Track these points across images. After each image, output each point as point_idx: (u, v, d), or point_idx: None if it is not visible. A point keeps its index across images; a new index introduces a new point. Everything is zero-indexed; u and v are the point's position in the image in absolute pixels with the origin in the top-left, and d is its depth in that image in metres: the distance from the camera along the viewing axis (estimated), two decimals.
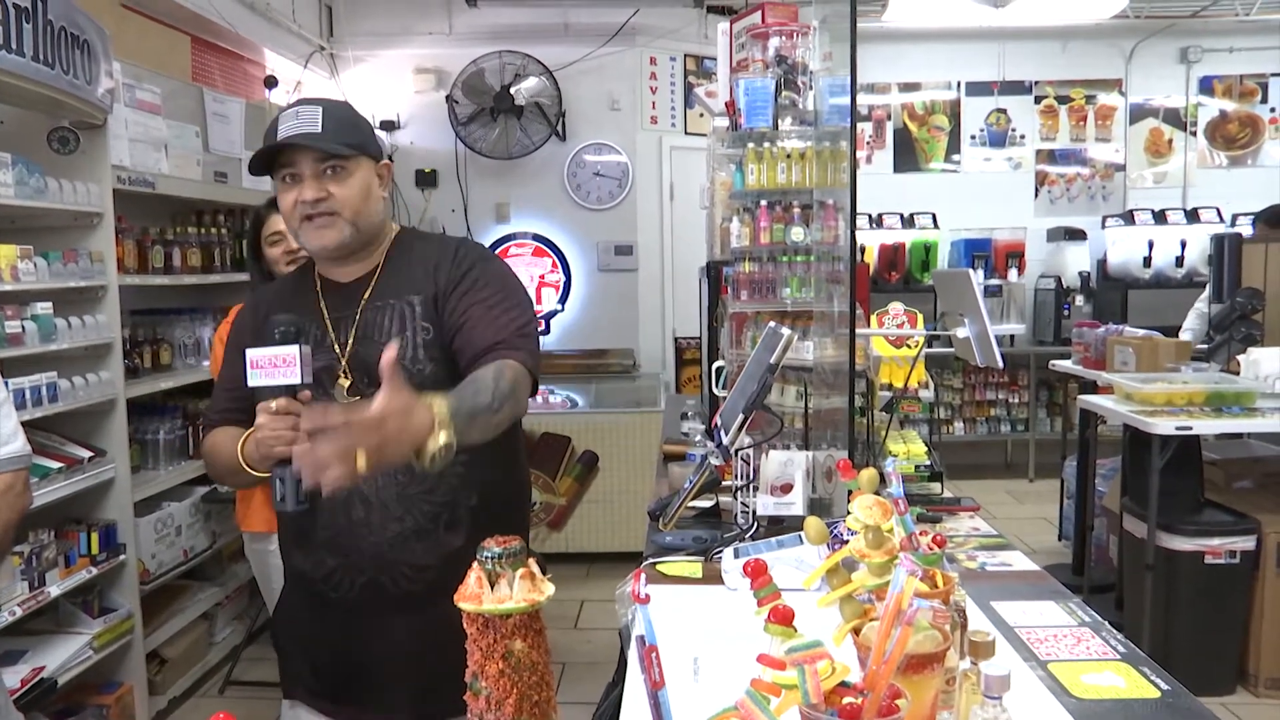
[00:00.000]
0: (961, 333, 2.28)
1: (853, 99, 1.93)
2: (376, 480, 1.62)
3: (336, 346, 1.67)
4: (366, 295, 1.69)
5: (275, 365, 1.49)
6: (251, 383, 1.51)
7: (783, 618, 0.88)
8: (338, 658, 1.71)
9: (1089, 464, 4.43)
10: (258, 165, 1.66)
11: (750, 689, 0.86)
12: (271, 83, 5.10)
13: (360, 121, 1.71)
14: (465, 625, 0.97)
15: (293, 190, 1.63)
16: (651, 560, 1.92)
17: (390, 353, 1.29)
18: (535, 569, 0.96)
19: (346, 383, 1.65)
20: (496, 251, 5.96)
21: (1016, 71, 7.00)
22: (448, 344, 1.65)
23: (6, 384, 1.77)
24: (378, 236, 1.72)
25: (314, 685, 1.76)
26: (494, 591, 0.93)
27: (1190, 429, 3.34)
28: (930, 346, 2.66)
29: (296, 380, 1.50)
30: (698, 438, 2.94)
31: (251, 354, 1.51)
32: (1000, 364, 2.19)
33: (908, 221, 6.68)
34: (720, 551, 1.89)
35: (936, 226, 6.69)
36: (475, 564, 0.96)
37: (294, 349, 1.50)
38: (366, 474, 1.26)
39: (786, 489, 2.09)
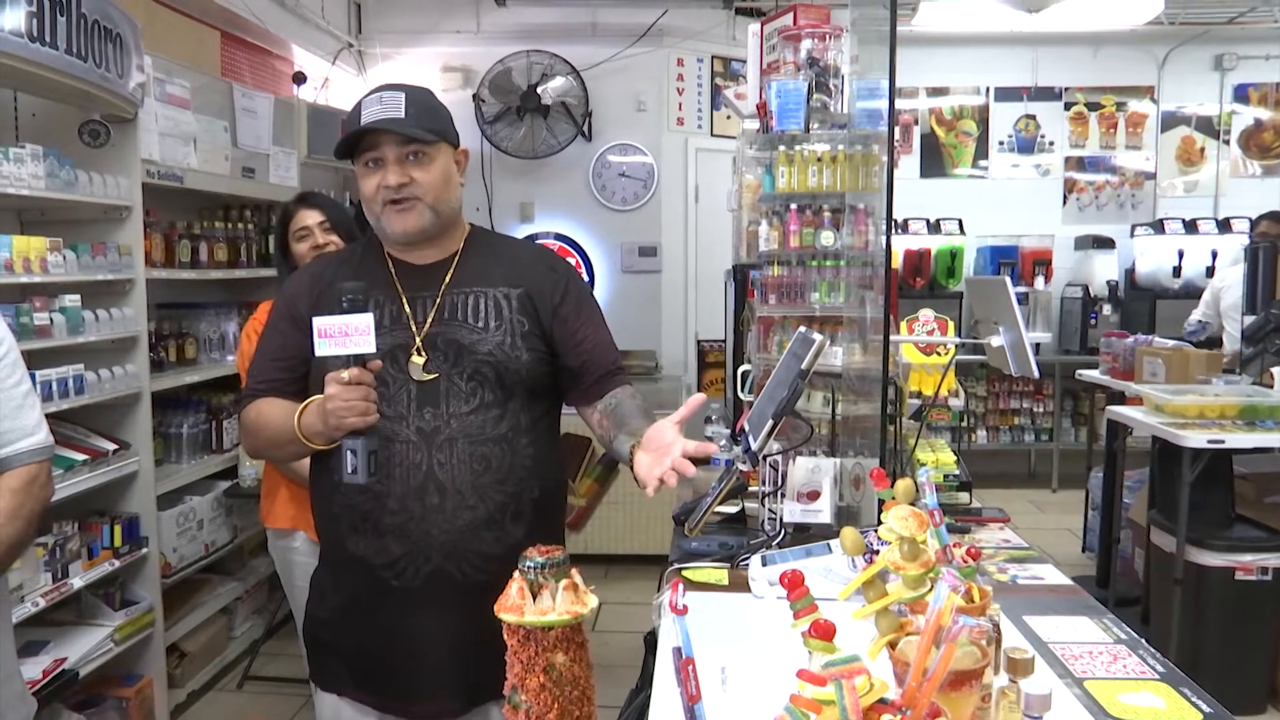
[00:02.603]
0: (996, 341, 2.24)
1: (891, 103, 1.90)
2: (452, 467, 1.63)
3: (413, 325, 1.68)
4: (448, 279, 1.71)
5: (346, 334, 1.48)
6: (320, 352, 1.50)
7: (824, 633, 0.85)
8: (390, 647, 1.69)
9: (1116, 475, 4.37)
10: (341, 150, 1.68)
11: (790, 705, 0.83)
12: (300, 79, 5.12)
13: (441, 108, 1.73)
14: (505, 637, 0.94)
15: (375, 175, 1.66)
16: (677, 565, 1.89)
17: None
18: (578, 579, 0.93)
19: (422, 360, 1.66)
20: None
21: (1046, 77, 6.93)
22: (553, 348, 1.74)
23: (32, 375, 1.77)
24: (455, 223, 1.76)
25: (360, 677, 1.73)
26: (536, 603, 0.90)
27: (1223, 442, 3.28)
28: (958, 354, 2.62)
29: (370, 349, 1.49)
30: (722, 442, 2.91)
31: (319, 323, 1.50)
32: (1036, 373, 2.15)
33: (934, 227, 6.61)
34: (747, 558, 1.87)
35: (963, 233, 6.62)
36: (517, 573, 0.93)
37: (367, 317, 1.49)
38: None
39: (814, 496, 2.07)
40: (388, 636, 1.68)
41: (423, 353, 1.66)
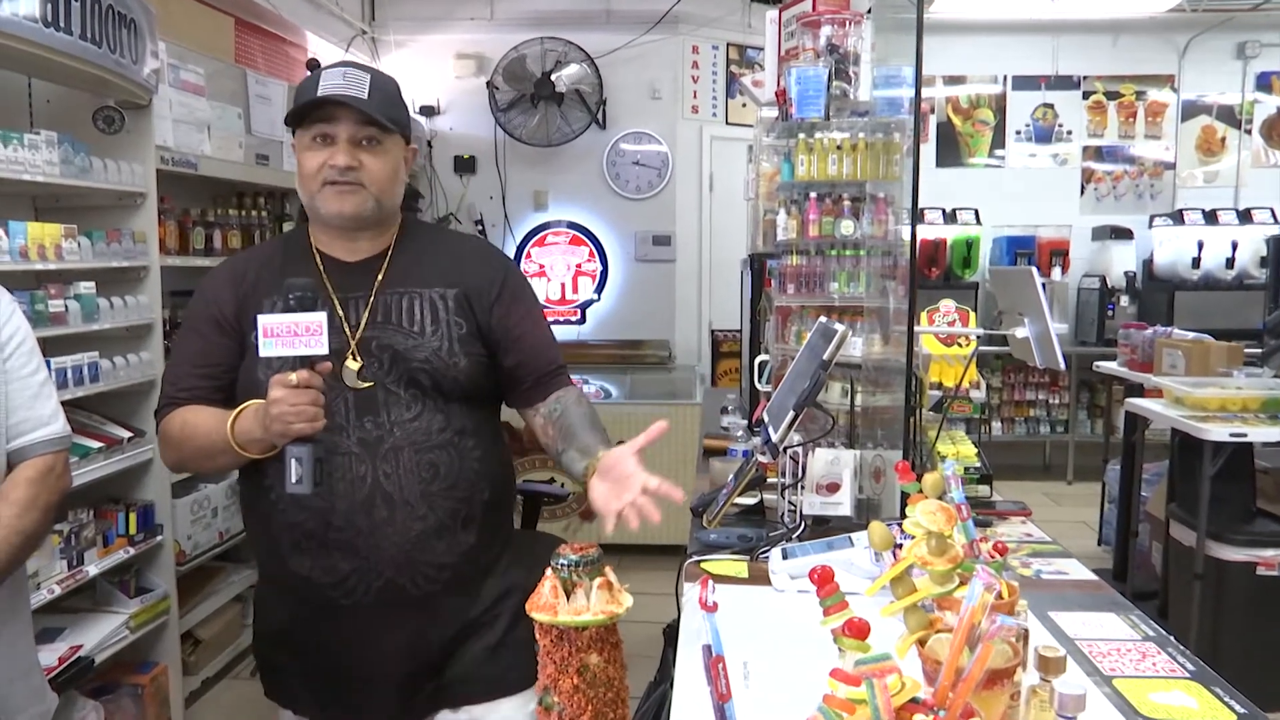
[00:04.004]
0: (1020, 333, 2.21)
1: (917, 92, 1.87)
2: (399, 478, 1.55)
3: (346, 327, 1.58)
4: (381, 278, 1.62)
5: (295, 334, 1.38)
6: (264, 353, 1.41)
7: (859, 631, 0.83)
8: (342, 664, 1.63)
9: (1134, 468, 4.33)
10: (293, 118, 1.59)
11: (823, 705, 0.81)
12: (314, 66, 5.09)
13: (402, 100, 1.66)
14: (538, 636, 0.92)
15: (322, 152, 1.56)
16: (696, 558, 1.87)
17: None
18: (613, 578, 0.90)
19: (357, 365, 1.56)
20: (533, 240, 5.96)
21: (1065, 66, 6.86)
22: (491, 348, 1.66)
23: (49, 364, 1.75)
24: (392, 217, 1.68)
25: (312, 693, 1.68)
26: (570, 602, 0.87)
27: (1245, 436, 3.24)
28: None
29: (322, 350, 1.40)
30: (739, 433, 2.89)
31: (265, 321, 1.40)
32: (1062, 366, 2.12)
33: (950, 217, 6.56)
34: (767, 551, 1.84)
35: (979, 223, 6.57)
36: (550, 572, 0.90)
37: (319, 316, 1.39)
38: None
39: (833, 488, 2.05)
40: (339, 655, 1.62)
41: (358, 357, 1.57)
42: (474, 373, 1.62)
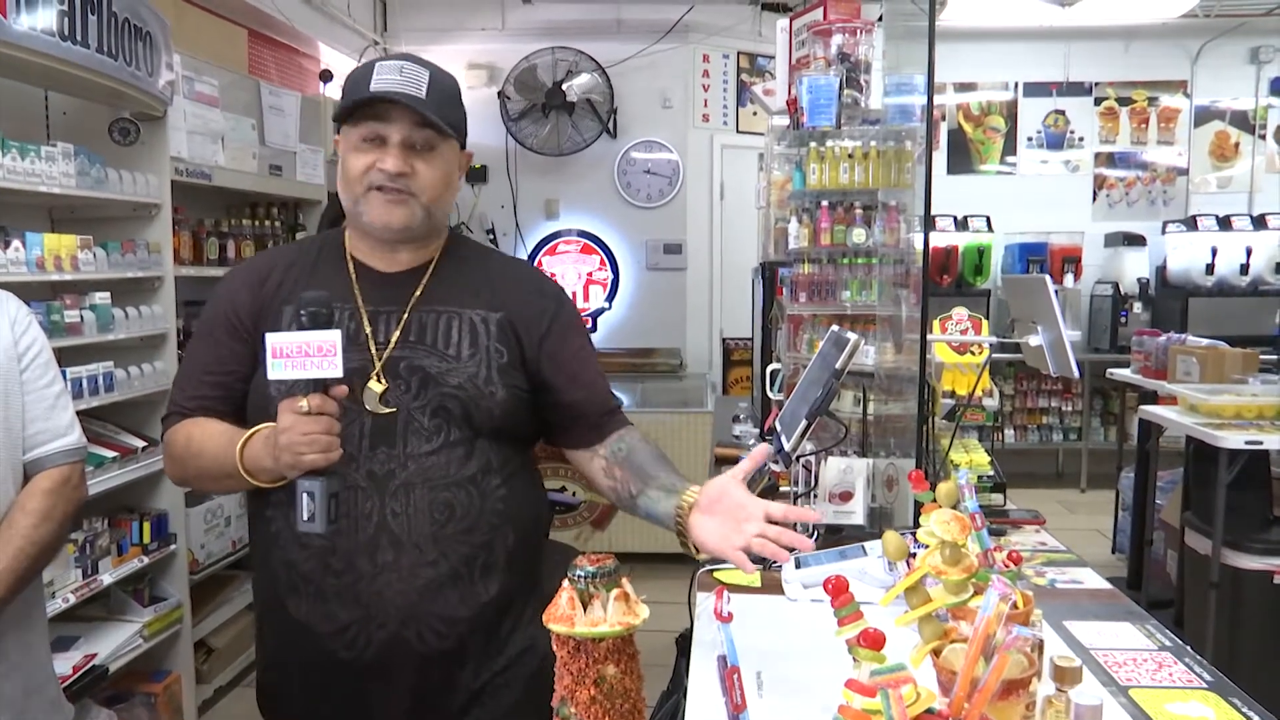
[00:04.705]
0: (1034, 340, 2.20)
1: (930, 98, 1.87)
2: (408, 518, 1.39)
3: (373, 345, 1.43)
4: (418, 294, 1.48)
5: (307, 354, 1.25)
6: (273, 375, 1.27)
7: (875, 642, 0.83)
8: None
9: (1149, 476, 4.30)
10: (342, 115, 1.45)
11: (838, 716, 0.81)
12: (326, 77, 5.13)
13: (461, 101, 1.52)
14: (555, 648, 0.92)
15: (369, 154, 1.42)
16: (708, 567, 1.87)
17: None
18: (629, 589, 0.90)
19: (380, 388, 1.41)
20: (545, 249, 5.97)
21: (1077, 72, 6.84)
22: (534, 383, 1.52)
23: (64, 374, 1.77)
24: (439, 230, 1.55)
25: None
26: (587, 613, 0.87)
27: (1261, 444, 3.22)
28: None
29: (335, 372, 1.26)
30: (751, 441, 2.88)
31: (274, 340, 1.27)
32: (1076, 373, 2.12)
33: (961, 224, 6.55)
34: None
35: (991, 230, 6.56)
36: (567, 583, 0.90)
37: (334, 335, 1.25)
38: None
39: (846, 497, 2.04)
40: (337, 711, 1.47)
41: (382, 380, 1.42)
42: (510, 406, 1.47)
